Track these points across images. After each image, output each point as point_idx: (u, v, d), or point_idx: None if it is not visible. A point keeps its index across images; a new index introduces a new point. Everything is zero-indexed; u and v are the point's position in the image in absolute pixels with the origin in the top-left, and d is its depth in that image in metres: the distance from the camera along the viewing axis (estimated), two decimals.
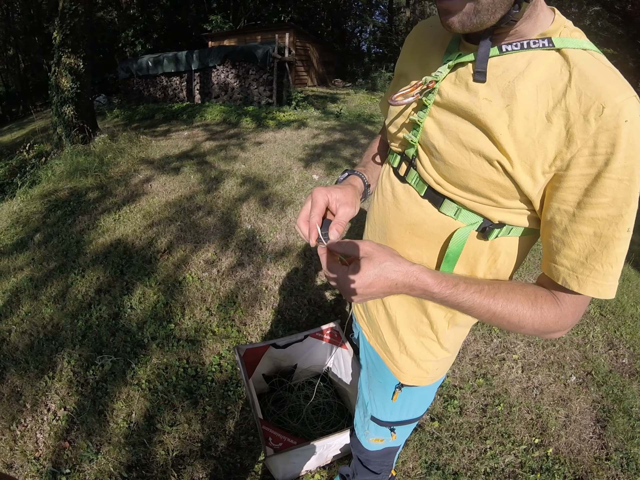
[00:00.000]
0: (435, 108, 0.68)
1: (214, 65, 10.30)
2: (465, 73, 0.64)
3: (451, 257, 0.72)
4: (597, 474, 1.78)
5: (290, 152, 5.67)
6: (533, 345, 2.45)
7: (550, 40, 0.58)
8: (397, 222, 0.79)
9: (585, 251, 0.58)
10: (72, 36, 5.31)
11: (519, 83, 0.58)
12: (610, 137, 0.52)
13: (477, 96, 0.61)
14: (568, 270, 0.60)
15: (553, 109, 0.56)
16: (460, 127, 0.63)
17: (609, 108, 0.51)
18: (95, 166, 4.79)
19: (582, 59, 0.56)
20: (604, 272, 0.57)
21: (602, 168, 0.53)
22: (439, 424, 1.92)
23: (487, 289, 0.64)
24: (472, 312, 0.64)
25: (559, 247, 0.60)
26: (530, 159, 0.58)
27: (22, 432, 1.85)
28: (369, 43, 25.21)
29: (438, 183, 0.69)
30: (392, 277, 0.60)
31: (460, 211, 0.68)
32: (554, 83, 0.56)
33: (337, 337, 1.84)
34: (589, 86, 0.53)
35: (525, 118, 0.57)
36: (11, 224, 3.64)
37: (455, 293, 0.62)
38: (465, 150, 0.63)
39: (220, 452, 1.77)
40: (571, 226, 0.58)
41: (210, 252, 3.17)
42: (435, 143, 0.67)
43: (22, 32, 17.21)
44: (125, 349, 2.25)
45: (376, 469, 1.23)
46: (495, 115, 0.59)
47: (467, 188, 0.65)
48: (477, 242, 0.70)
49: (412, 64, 0.77)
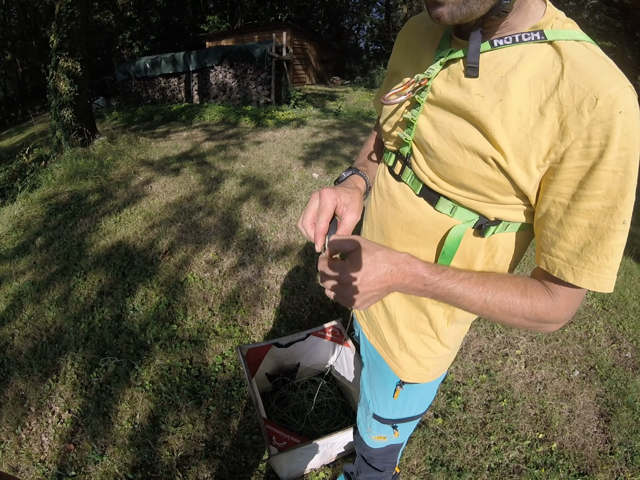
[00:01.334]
0: (428, 106, 0.68)
1: (212, 66, 10.30)
2: (457, 69, 0.64)
3: (447, 253, 0.72)
4: (601, 469, 1.78)
5: (290, 151, 5.67)
6: (536, 340, 2.45)
7: (542, 33, 0.57)
8: (394, 221, 0.79)
9: (581, 243, 0.57)
10: (69, 39, 5.31)
11: (511, 77, 0.58)
12: (605, 128, 0.51)
13: (470, 92, 0.61)
14: (563, 262, 0.59)
15: (546, 102, 0.55)
16: (454, 124, 0.63)
17: (602, 99, 0.51)
18: (95, 169, 4.80)
19: (575, 51, 0.55)
20: (600, 264, 0.57)
21: (597, 160, 0.53)
22: (443, 421, 1.92)
23: (475, 276, 0.63)
24: (464, 301, 0.63)
25: (554, 239, 0.60)
26: (524, 153, 0.58)
27: (27, 435, 1.85)
28: (366, 40, 25.22)
29: (433, 181, 0.69)
30: (386, 264, 0.59)
31: (455, 209, 0.68)
32: (546, 76, 0.56)
33: (339, 335, 1.84)
34: (581, 78, 0.53)
35: (519, 113, 0.57)
36: (12, 228, 3.65)
37: (445, 277, 0.62)
38: (459, 148, 0.63)
39: (224, 451, 1.77)
40: (566, 218, 0.58)
41: (212, 253, 3.17)
42: (429, 141, 0.67)
43: (19, 37, 17.20)
44: (129, 350, 2.25)
45: (380, 467, 1.23)
46: (488, 111, 0.59)
47: (462, 185, 0.65)
48: (473, 239, 0.70)
49: (405, 61, 0.77)
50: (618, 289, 3.04)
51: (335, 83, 16.24)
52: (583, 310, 2.76)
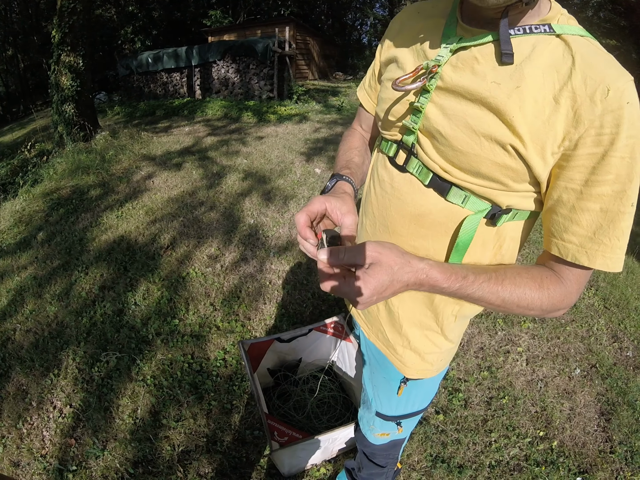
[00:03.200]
0: (436, 93, 0.67)
1: (214, 61, 10.27)
2: (468, 57, 0.64)
3: (461, 246, 0.71)
4: (601, 467, 1.78)
5: (292, 146, 5.66)
6: (537, 338, 2.44)
7: (551, 27, 0.60)
8: (400, 214, 0.76)
9: (593, 226, 0.59)
10: (71, 34, 5.29)
11: (526, 66, 0.59)
12: (615, 117, 0.54)
13: (485, 79, 0.61)
14: (577, 246, 0.61)
15: (560, 91, 0.57)
16: (468, 111, 0.63)
17: (613, 90, 0.54)
18: (96, 164, 4.80)
19: (583, 45, 0.58)
20: (612, 245, 0.59)
21: (608, 147, 0.55)
22: (444, 417, 1.92)
23: (494, 276, 0.63)
24: (481, 301, 0.64)
25: (567, 224, 0.61)
26: (541, 140, 0.59)
27: (28, 430, 1.86)
28: (369, 36, 25.11)
29: (445, 170, 0.68)
30: (404, 280, 0.57)
31: (468, 198, 0.68)
32: (558, 67, 0.58)
33: (341, 330, 1.84)
34: (592, 70, 0.56)
35: (535, 101, 0.58)
36: (14, 223, 3.65)
37: (465, 285, 0.62)
38: (475, 135, 0.62)
39: (226, 446, 1.77)
40: (578, 203, 0.59)
41: (214, 248, 3.17)
42: (440, 129, 0.66)
43: (21, 32, 17.14)
44: (130, 345, 2.26)
45: (382, 462, 1.23)
46: (505, 98, 0.59)
47: (478, 173, 0.64)
48: (485, 228, 0.70)
49: (401, 48, 0.76)
50: (620, 288, 3.03)
51: (337, 78, 16.18)
52: (585, 308, 2.76)
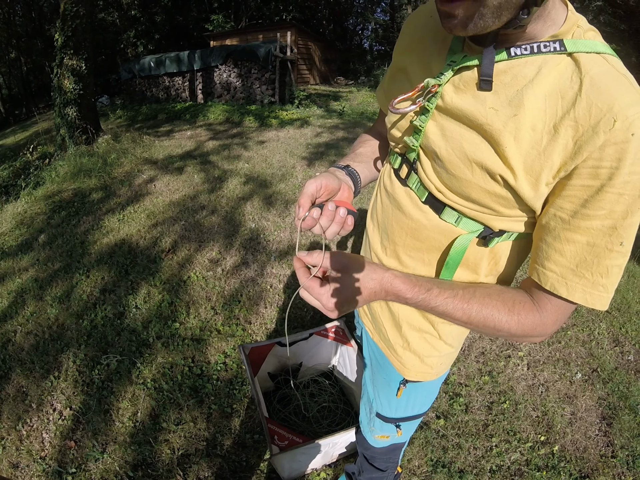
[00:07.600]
0: (437, 112, 0.65)
1: (216, 65, 10.32)
2: (470, 78, 0.60)
3: (451, 264, 0.72)
4: (603, 472, 1.77)
5: (294, 150, 5.67)
6: (538, 343, 2.43)
7: (562, 43, 0.54)
8: (399, 225, 0.78)
9: (577, 259, 0.56)
10: (73, 38, 5.32)
11: (527, 92, 0.55)
12: (618, 150, 0.49)
13: (484, 104, 0.58)
14: (557, 276, 0.58)
15: (561, 119, 0.53)
16: (465, 135, 0.61)
17: (620, 121, 0.49)
18: (98, 167, 4.81)
19: (595, 66, 0.52)
20: (593, 280, 0.56)
21: (605, 182, 0.51)
22: (445, 422, 1.92)
23: (461, 293, 0.63)
24: (447, 316, 0.65)
25: (550, 252, 0.59)
26: (536, 171, 0.56)
27: (28, 432, 1.86)
28: (371, 40, 25.21)
29: (439, 190, 0.68)
30: (370, 286, 0.61)
31: (461, 219, 0.68)
32: (563, 92, 0.53)
33: (342, 335, 1.83)
34: (600, 96, 0.50)
35: (532, 129, 0.55)
36: (16, 225, 3.66)
37: (429, 298, 0.63)
38: (468, 161, 0.61)
39: (225, 450, 1.77)
40: (564, 234, 0.57)
41: (215, 251, 3.17)
42: (437, 150, 0.65)
43: (24, 35, 17.25)
44: (131, 348, 2.25)
45: (382, 466, 1.23)
46: (501, 126, 0.56)
47: (469, 198, 0.64)
48: (477, 248, 0.70)
49: (412, 58, 0.73)
50: (621, 292, 3.02)
51: (339, 83, 16.25)
52: (586, 312, 2.75)
